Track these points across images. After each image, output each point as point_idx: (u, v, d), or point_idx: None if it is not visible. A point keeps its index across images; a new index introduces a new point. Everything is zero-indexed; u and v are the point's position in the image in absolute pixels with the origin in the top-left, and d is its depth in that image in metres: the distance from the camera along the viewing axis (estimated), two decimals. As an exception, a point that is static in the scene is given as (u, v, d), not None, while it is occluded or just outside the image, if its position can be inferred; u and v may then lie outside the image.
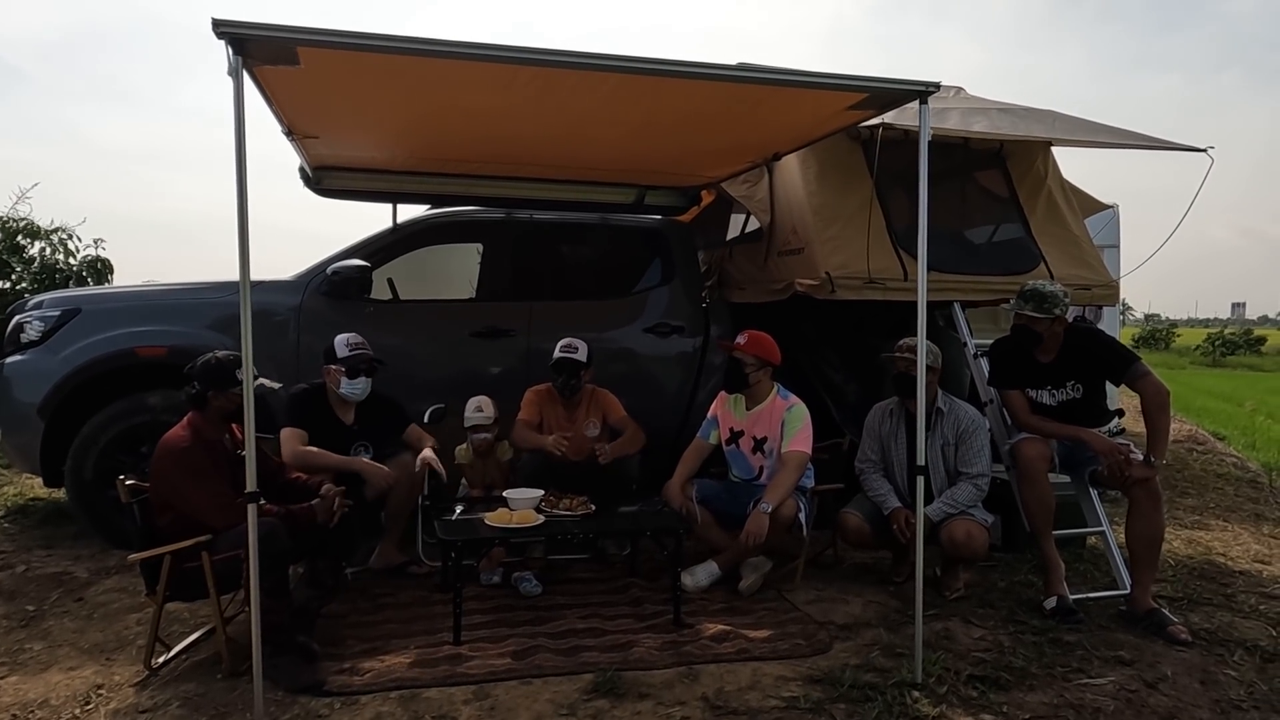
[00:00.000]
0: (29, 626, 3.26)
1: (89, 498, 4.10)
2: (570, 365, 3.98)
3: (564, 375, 3.99)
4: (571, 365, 3.98)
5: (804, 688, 2.78)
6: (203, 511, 2.86)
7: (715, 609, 3.47)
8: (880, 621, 3.37)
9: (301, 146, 4.02)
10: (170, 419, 3.16)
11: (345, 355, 3.66)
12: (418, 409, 4.01)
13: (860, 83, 2.83)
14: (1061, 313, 3.55)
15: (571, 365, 3.98)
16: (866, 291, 4.07)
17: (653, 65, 2.63)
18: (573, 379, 4.00)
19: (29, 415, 4.09)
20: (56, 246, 7.82)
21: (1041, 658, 3.04)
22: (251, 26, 2.28)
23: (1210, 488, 6.22)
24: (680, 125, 3.53)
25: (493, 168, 4.50)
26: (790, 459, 3.63)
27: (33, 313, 4.29)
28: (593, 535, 3.61)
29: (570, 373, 3.99)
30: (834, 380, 4.66)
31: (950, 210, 4.43)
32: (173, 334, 4.17)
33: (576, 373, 4.00)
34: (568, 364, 3.98)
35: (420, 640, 3.07)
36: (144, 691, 2.72)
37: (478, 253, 5.26)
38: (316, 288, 4.37)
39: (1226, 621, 3.42)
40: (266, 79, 2.86)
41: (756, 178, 4.70)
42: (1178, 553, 4.39)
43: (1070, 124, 4.32)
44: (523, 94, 3.06)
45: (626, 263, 5.10)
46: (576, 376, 4.01)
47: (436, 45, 2.45)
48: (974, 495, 3.62)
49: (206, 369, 2.99)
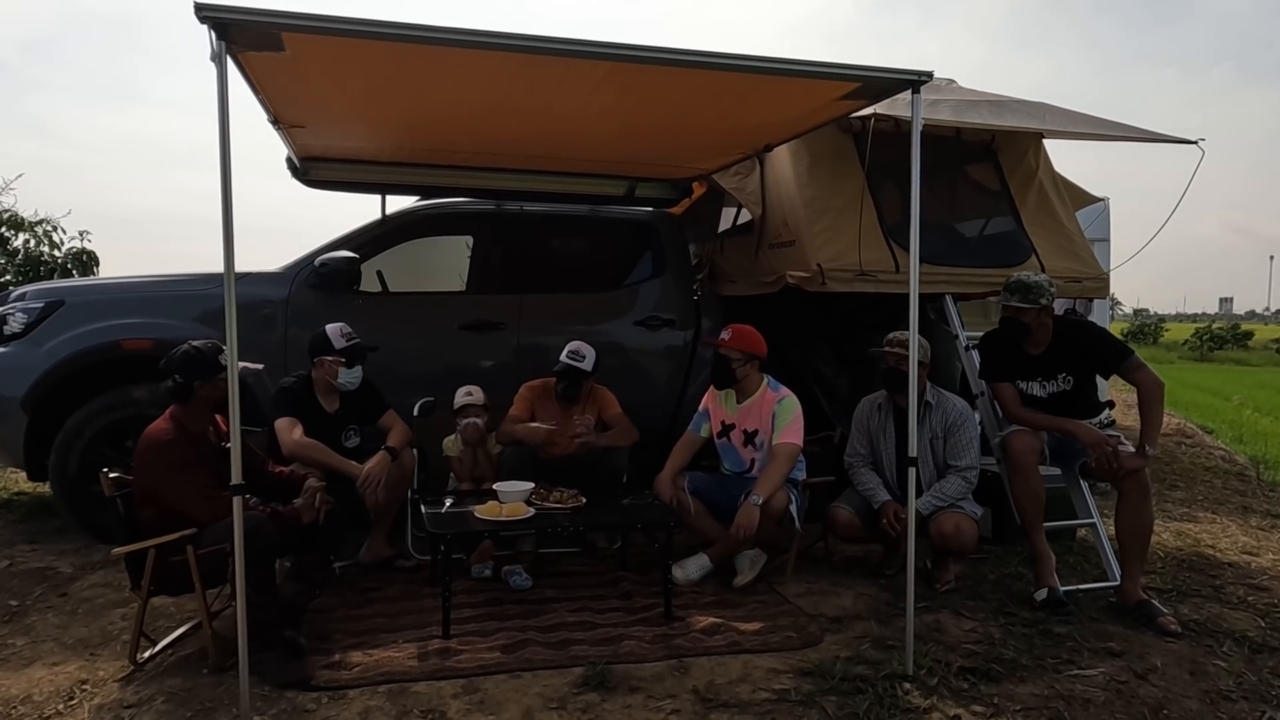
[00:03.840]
0: (12, 622, 3.23)
1: (73, 492, 4.06)
2: (573, 373, 3.94)
3: (566, 383, 3.96)
4: (574, 374, 3.94)
5: (795, 680, 2.78)
6: (187, 505, 2.82)
7: (706, 602, 3.46)
8: (871, 614, 3.37)
9: (288, 136, 3.97)
10: (155, 412, 3.12)
11: (343, 346, 3.64)
12: (407, 402, 3.99)
13: (852, 72, 2.81)
14: (1048, 302, 3.55)
15: (574, 374, 3.94)
16: (858, 284, 4.06)
17: (642, 52, 2.60)
18: (574, 387, 3.98)
19: (12, 408, 4.04)
20: (41, 239, 7.75)
21: (1032, 649, 3.04)
22: (235, 11, 2.24)
23: (1199, 481, 6.25)
24: (671, 115, 3.50)
25: (482, 159, 4.47)
26: (781, 451, 3.61)
27: (16, 305, 4.24)
28: (583, 528, 3.59)
29: (573, 380, 3.96)
30: (825, 373, 4.66)
31: (942, 203, 4.42)
32: (158, 326, 4.12)
33: (579, 381, 3.97)
34: (571, 372, 3.93)
35: (409, 634, 3.05)
36: (129, 687, 2.69)
37: (467, 245, 5.23)
38: (304, 280, 4.33)
39: (1215, 613, 3.44)
40: (251, 65, 2.82)
41: (748, 169, 4.68)
42: (1167, 545, 4.41)
43: (1062, 116, 4.32)
44: (512, 82, 3.02)
45: (617, 255, 5.08)
46: (578, 386, 3.99)
47: (422, 31, 2.41)
48: (963, 488, 3.62)
49: (187, 359, 2.95)
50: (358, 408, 3.79)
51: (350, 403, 3.77)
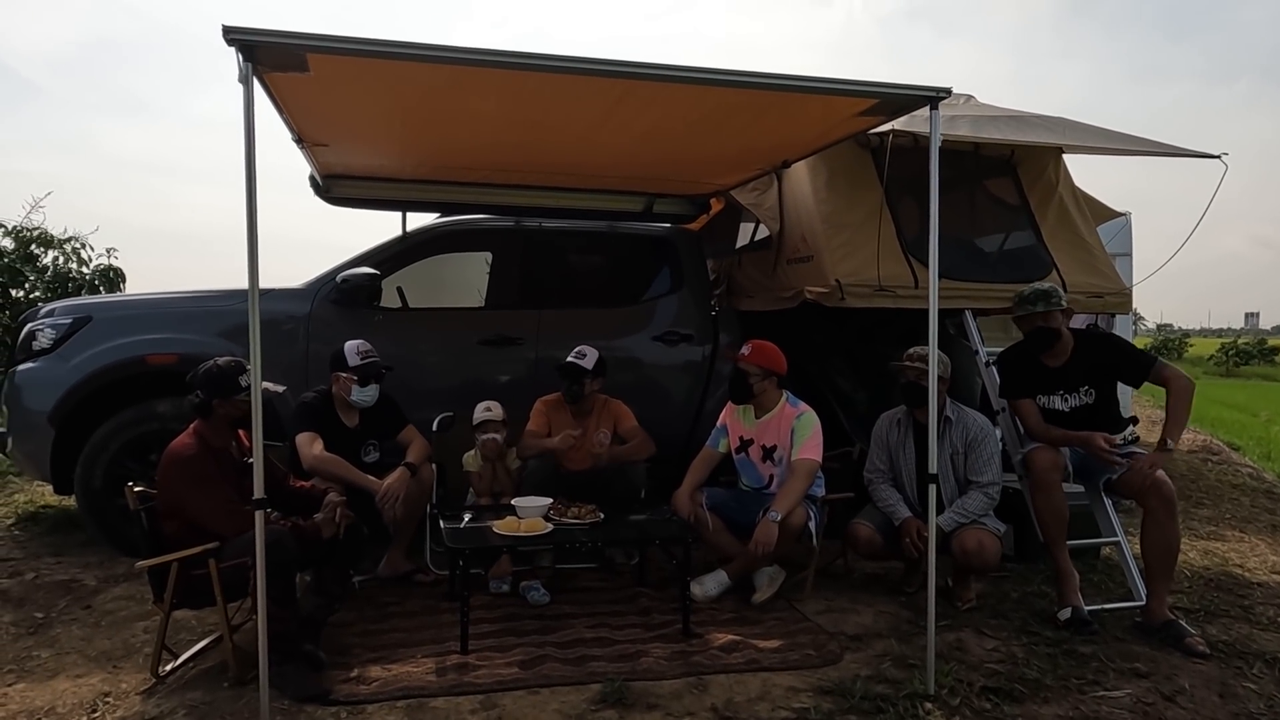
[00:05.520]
0: (37, 634, 3.26)
1: (98, 505, 4.11)
2: (573, 371, 3.96)
3: (567, 380, 3.98)
4: (574, 371, 3.96)
5: (814, 699, 2.75)
6: (209, 519, 2.85)
7: (724, 618, 3.44)
8: (891, 632, 3.34)
9: (311, 154, 4.04)
10: (179, 427, 3.17)
11: (357, 364, 3.67)
12: (426, 417, 4.01)
13: (870, 88, 2.82)
14: (1065, 304, 3.60)
15: (574, 371, 3.96)
16: (876, 299, 4.05)
17: (660, 71, 2.62)
18: (575, 384, 3.98)
19: (40, 423, 4.10)
20: (69, 255, 7.86)
21: (1056, 669, 2.99)
22: (262, 33, 2.29)
23: (1226, 498, 6.14)
24: (688, 132, 3.52)
25: (501, 176, 4.51)
26: (799, 467, 3.60)
27: (45, 320, 4.31)
28: (601, 544, 3.59)
29: (573, 378, 3.97)
30: (844, 388, 4.64)
31: (961, 217, 4.40)
32: (183, 342, 4.18)
33: (580, 379, 3.98)
34: (571, 369, 3.96)
35: (427, 649, 3.06)
36: (150, 699, 2.71)
37: (486, 261, 5.26)
38: (326, 296, 4.38)
39: (1245, 633, 3.37)
40: (277, 86, 2.87)
41: (765, 185, 4.69)
42: (1194, 564, 4.34)
43: (1081, 131, 4.30)
44: (531, 101, 3.06)
45: (635, 271, 5.10)
46: (580, 383, 3.99)
47: (443, 51, 2.45)
48: (985, 504, 3.58)
49: (209, 377, 2.98)
50: (377, 423, 3.82)
51: (370, 418, 3.80)
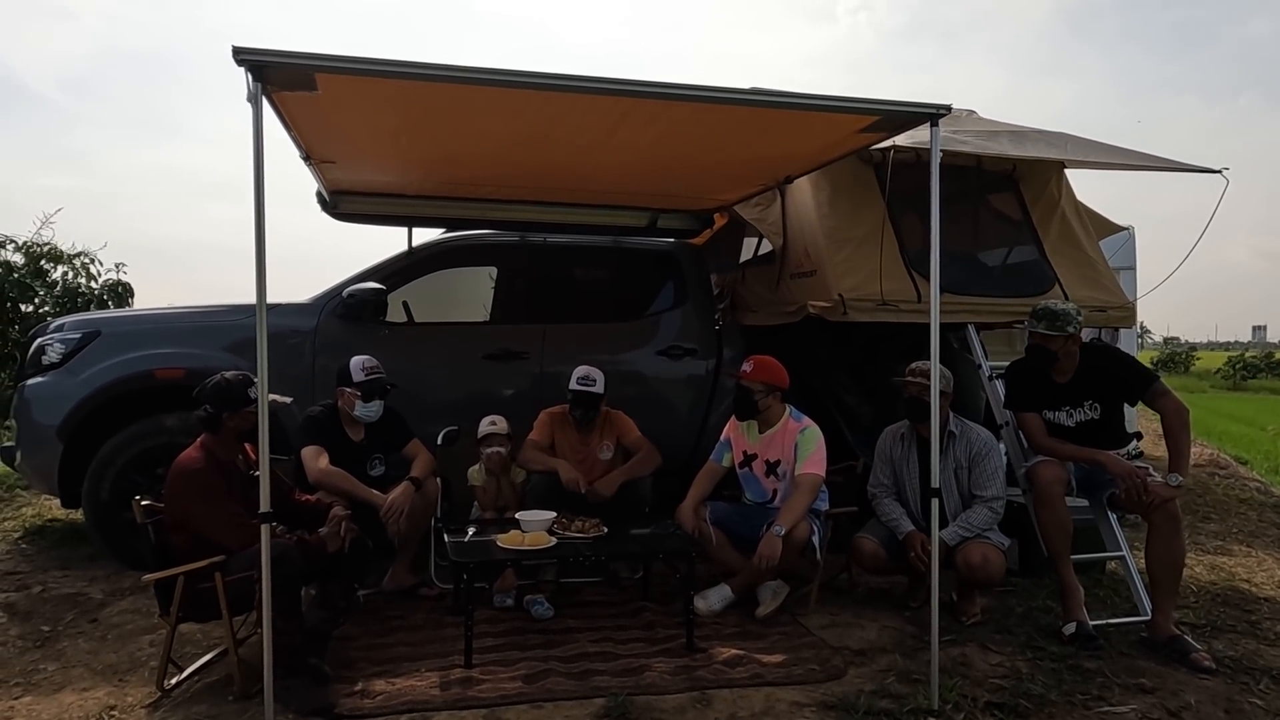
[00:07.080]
0: (44, 647, 3.28)
1: (105, 519, 4.13)
2: (588, 399, 3.97)
3: (582, 409, 3.99)
4: (590, 399, 3.97)
5: (818, 713, 2.74)
6: (216, 532, 2.87)
7: (728, 633, 3.44)
8: (896, 647, 3.33)
9: (319, 171, 4.08)
10: (186, 440, 3.19)
11: (361, 380, 3.69)
12: (431, 431, 4.03)
13: (871, 105, 2.85)
14: (1075, 330, 3.54)
15: (590, 399, 3.97)
16: (879, 314, 4.06)
17: (664, 89, 2.65)
18: (591, 411, 4.01)
19: (48, 436, 4.13)
20: (79, 271, 7.93)
21: (1061, 685, 2.98)
22: (270, 54, 2.33)
23: (1233, 512, 6.11)
24: (692, 149, 3.55)
25: (507, 192, 4.55)
26: (803, 481, 3.60)
27: (54, 335, 4.35)
28: (605, 558, 3.59)
29: (589, 406, 3.99)
30: (847, 402, 4.64)
31: (963, 232, 4.42)
32: (190, 356, 4.21)
33: (595, 406, 4.01)
34: (586, 398, 3.97)
35: (431, 663, 3.06)
36: (156, 713, 2.72)
37: (491, 276, 5.30)
38: (332, 310, 4.41)
39: (1251, 649, 3.36)
40: (285, 104, 2.91)
41: (769, 200, 4.71)
42: (1200, 578, 4.32)
43: (1083, 146, 4.32)
44: (536, 118, 3.10)
45: (639, 286, 5.12)
46: (595, 410, 4.01)
47: (450, 71, 2.48)
48: (989, 518, 3.58)
49: (217, 391, 3.01)
50: (383, 437, 3.84)
51: (375, 432, 3.82)
